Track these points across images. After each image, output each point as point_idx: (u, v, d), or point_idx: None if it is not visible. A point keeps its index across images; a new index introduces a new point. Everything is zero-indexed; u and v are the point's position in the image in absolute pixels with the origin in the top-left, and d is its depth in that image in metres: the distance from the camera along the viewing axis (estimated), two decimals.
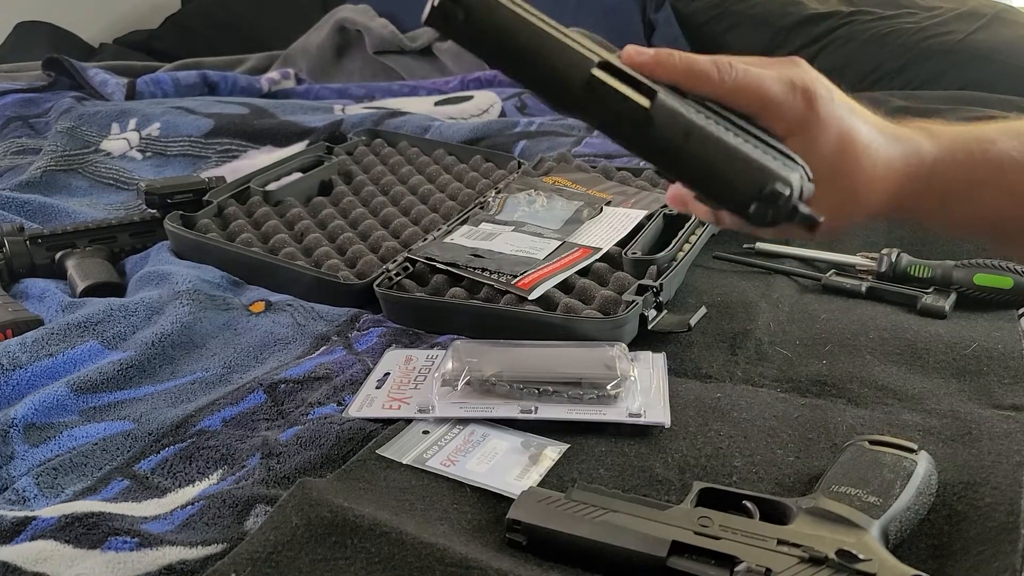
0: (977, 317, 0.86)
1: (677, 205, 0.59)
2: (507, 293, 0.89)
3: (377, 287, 0.91)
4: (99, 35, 2.44)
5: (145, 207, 1.14)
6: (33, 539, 0.58)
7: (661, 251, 0.92)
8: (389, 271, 0.95)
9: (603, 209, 1.06)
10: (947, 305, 0.86)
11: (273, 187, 1.17)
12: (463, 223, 1.06)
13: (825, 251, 0.99)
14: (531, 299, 0.87)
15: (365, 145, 1.36)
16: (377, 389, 0.76)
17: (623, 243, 0.98)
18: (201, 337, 0.88)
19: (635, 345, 0.81)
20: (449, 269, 0.94)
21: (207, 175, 1.19)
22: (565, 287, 0.91)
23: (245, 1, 2.41)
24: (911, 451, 0.59)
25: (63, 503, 0.64)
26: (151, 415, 0.75)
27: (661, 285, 0.86)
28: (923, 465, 0.58)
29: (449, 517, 0.60)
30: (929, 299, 0.87)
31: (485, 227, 1.04)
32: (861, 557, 0.50)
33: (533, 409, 0.70)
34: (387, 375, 0.78)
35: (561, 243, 0.99)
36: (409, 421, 0.71)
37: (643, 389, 0.73)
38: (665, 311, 0.86)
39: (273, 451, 0.68)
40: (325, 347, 0.86)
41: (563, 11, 1.35)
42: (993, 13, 1.60)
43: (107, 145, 1.45)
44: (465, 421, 0.70)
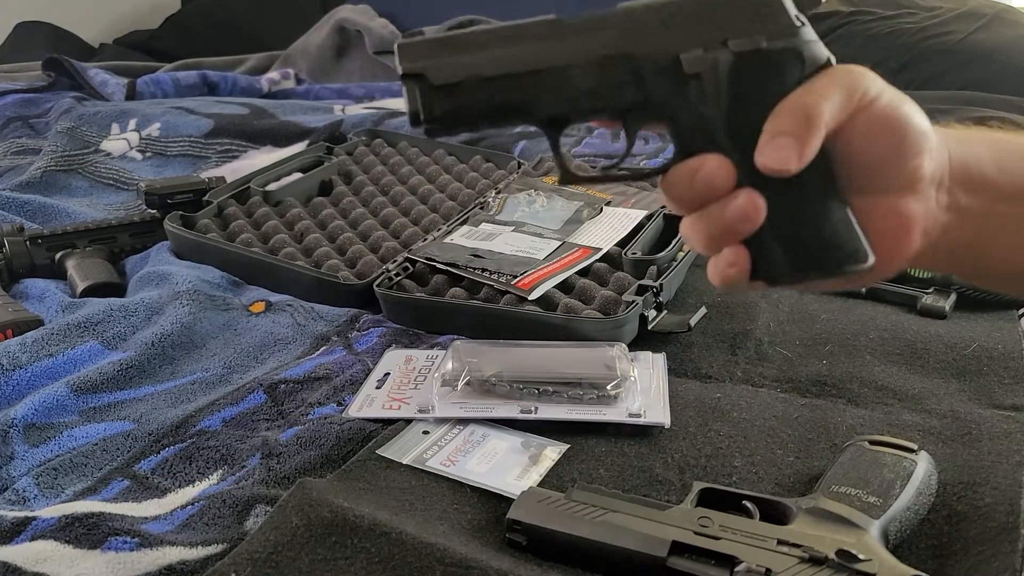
0: (977, 317, 0.86)
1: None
2: (507, 293, 0.89)
3: (377, 287, 0.91)
4: (99, 35, 2.44)
5: (145, 207, 1.14)
6: (33, 539, 0.58)
7: (661, 251, 0.92)
8: (389, 271, 0.95)
9: (603, 209, 1.06)
10: (947, 305, 0.86)
11: (273, 187, 1.17)
12: (463, 223, 1.06)
13: None
14: (531, 299, 0.87)
15: (365, 145, 1.35)
16: (377, 389, 0.76)
17: (623, 243, 0.98)
18: (201, 337, 0.88)
19: (635, 345, 0.81)
20: (449, 269, 0.94)
21: (207, 175, 1.19)
22: (565, 287, 0.91)
23: (245, 1, 2.41)
24: (911, 451, 0.59)
25: (63, 503, 0.64)
26: (151, 415, 0.75)
27: (661, 285, 0.86)
28: (923, 465, 0.58)
29: (449, 517, 0.60)
30: (929, 299, 0.87)
31: (485, 227, 1.04)
32: (861, 557, 0.50)
33: (533, 409, 0.70)
34: (387, 375, 0.78)
35: (561, 243, 0.99)
36: (409, 421, 0.71)
37: (643, 389, 0.73)
38: (665, 311, 0.86)
39: (273, 451, 0.68)
40: (325, 347, 0.86)
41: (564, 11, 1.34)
42: (993, 13, 1.60)
43: (107, 145, 1.44)
44: (465, 421, 0.70)
